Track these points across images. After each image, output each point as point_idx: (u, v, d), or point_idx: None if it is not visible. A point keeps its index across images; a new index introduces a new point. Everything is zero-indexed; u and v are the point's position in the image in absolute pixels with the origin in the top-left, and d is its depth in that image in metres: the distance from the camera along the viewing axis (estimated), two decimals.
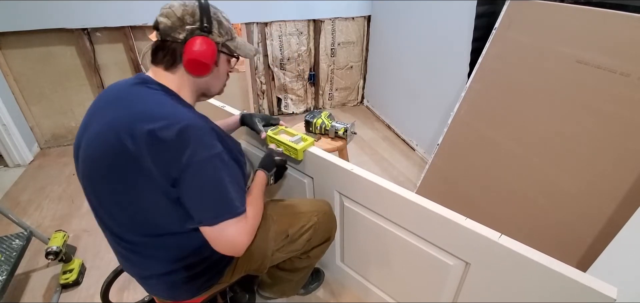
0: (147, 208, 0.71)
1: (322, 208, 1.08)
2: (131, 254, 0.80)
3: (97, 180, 0.73)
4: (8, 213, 1.34)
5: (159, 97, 0.73)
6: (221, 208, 0.70)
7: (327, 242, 1.12)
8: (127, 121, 0.67)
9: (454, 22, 1.87)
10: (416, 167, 2.26)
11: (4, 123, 2.12)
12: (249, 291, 1.33)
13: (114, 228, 0.77)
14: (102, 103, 0.75)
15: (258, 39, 2.65)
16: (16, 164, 2.27)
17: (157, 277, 0.82)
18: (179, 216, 0.72)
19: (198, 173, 0.67)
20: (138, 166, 0.66)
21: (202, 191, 0.69)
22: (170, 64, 0.76)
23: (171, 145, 0.65)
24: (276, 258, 1.00)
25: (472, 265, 0.85)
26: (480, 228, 0.79)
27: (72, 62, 2.31)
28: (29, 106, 2.34)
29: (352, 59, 3.03)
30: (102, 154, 0.69)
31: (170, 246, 0.78)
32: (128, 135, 0.65)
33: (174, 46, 0.75)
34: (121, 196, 0.71)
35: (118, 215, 0.74)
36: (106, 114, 0.71)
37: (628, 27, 1.13)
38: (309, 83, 3.01)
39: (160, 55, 0.76)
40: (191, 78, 0.79)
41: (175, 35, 0.74)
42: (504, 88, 1.51)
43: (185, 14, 0.74)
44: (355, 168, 1.01)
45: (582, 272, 0.68)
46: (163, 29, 0.74)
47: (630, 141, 1.12)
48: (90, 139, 0.71)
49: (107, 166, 0.69)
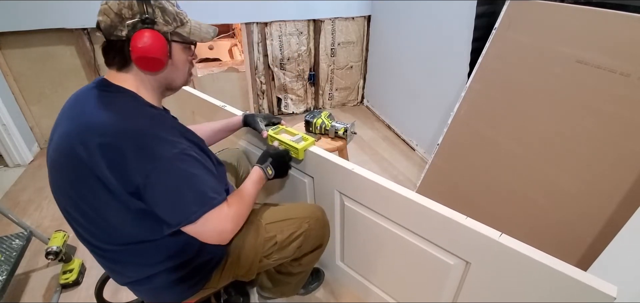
0: (113, 219, 0.69)
1: (314, 213, 1.03)
2: (109, 262, 0.79)
3: (63, 190, 0.71)
4: (8, 213, 1.34)
5: (110, 103, 0.68)
6: (197, 203, 0.68)
7: (319, 249, 1.09)
8: (78, 131, 0.65)
9: (454, 22, 1.87)
10: (416, 167, 2.26)
11: (3, 123, 2.12)
12: (243, 294, 1.33)
13: (88, 238, 0.75)
14: (64, 111, 0.74)
15: (258, 39, 2.65)
16: (16, 164, 2.27)
17: (139, 283, 0.81)
18: (148, 225, 0.70)
19: (164, 176, 0.65)
20: (95, 177, 0.64)
21: (173, 193, 0.66)
22: (122, 64, 0.72)
23: (128, 154, 0.62)
24: (264, 264, 0.96)
25: (472, 264, 0.85)
26: (480, 227, 0.79)
27: (72, 62, 2.31)
28: (28, 106, 2.34)
29: (352, 59, 3.03)
30: (62, 165, 0.68)
31: (147, 253, 0.76)
32: (81, 146, 0.63)
33: (120, 45, 0.70)
34: (86, 208, 0.69)
35: (87, 226, 0.72)
36: (64, 122, 0.70)
37: (628, 27, 1.13)
38: (309, 83, 3.01)
39: (110, 57, 0.72)
40: (148, 75, 0.74)
41: (118, 34, 0.68)
42: (504, 88, 1.51)
43: (122, 8, 0.67)
44: (356, 167, 1.01)
45: (583, 271, 0.68)
46: (105, 29, 0.68)
47: (630, 141, 1.12)
48: (53, 149, 0.70)
49: (68, 177, 0.68)
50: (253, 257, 0.93)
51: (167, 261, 0.79)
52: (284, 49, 2.76)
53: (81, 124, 0.66)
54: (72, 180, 0.67)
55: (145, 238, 0.73)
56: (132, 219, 0.69)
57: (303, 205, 1.10)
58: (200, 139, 0.80)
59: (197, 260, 0.83)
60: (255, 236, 0.94)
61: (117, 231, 0.71)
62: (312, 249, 1.06)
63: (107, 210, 0.68)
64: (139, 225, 0.70)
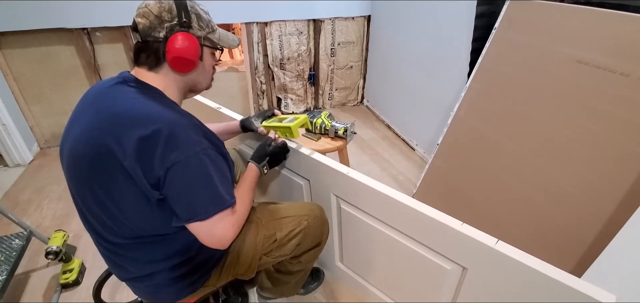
0: (129, 211, 0.70)
1: (313, 211, 1.04)
2: (114, 256, 0.80)
3: (80, 181, 0.72)
4: (8, 213, 1.34)
5: (141, 97, 0.71)
6: (211, 203, 0.70)
7: (318, 247, 1.10)
8: (110, 122, 0.67)
9: (454, 22, 1.87)
10: (416, 167, 2.26)
11: (3, 123, 2.12)
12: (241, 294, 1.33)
13: (98, 228, 0.76)
14: (85, 105, 0.75)
15: (258, 39, 2.65)
16: (16, 164, 2.27)
17: (140, 280, 0.82)
18: (162, 218, 0.71)
19: (186, 170, 0.67)
20: (120, 168, 0.65)
21: (190, 188, 0.68)
22: (154, 64, 0.76)
23: (158, 146, 0.65)
24: (264, 262, 0.97)
25: (469, 270, 0.85)
26: (477, 234, 0.78)
27: (72, 62, 2.31)
28: (28, 106, 2.35)
29: (352, 59, 3.03)
30: (84, 156, 0.69)
31: (153, 248, 0.77)
32: (112, 137, 0.65)
33: (156, 46, 0.74)
34: (104, 198, 0.70)
35: (101, 216, 0.73)
36: (88, 115, 0.71)
37: (628, 27, 1.13)
38: (309, 83, 3.01)
39: (143, 56, 0.75)
40: (177, 76, 0.78)
41: (155, 35, 0.73)
42: (504, 88, 1.51)
43: (162, 11, 0.73)
44: (351, 171, 1.01)
45: (579, 279, 0.67)
46: (142, 30, 0.72)
47: (630, 141, 1.11)
48: (74, 140, 0.71)
49: (89, 167, 0.69)
50: (253, 255, 0.93)
51: (171, 258, 0.79)
52: (284, 48, 2.76)
53: (114, 114, 0.68)
54: (97, 172, 0.68)
55: (157, 232, 0.74)
56: (150, 211, 0.70)
57: (301, 203, 1.11)
58: (220, 141, 0.81)
59: (198, 258, 0.83)
60: (254, 234, 0.94)
61: (133, 224, 0.72)
62: (311, 246, 1.07)
63: (128, 201, 0.69)
64: (155, 217, 0.72)
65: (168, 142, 0.65)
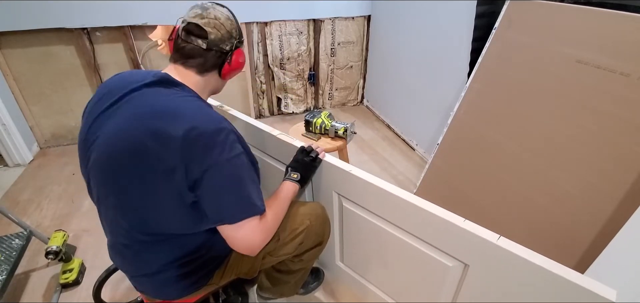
0: (162, 210, 0.72)
1: (315, 211, 1.05)
2: (128, 251, 0.80)
3: (112, 175, 0.72)
4: (8, 213, 1.34)
5: (185, 97, 0.76)
6: (243, 206, 0.72)
7: (320, 246, 1.11)
8: (153, 120, 0.69)
9: (454, 22, 1.87)
10: (416, 167, 2.26)
11: (3, 123, 2.12)
12: (241, 294, 1.33)
13: (120, 222, 0.77)
14: (118, 94, 0.74)
15: (258, 38, 2.65)
16: (16, 164, 2.27)
17: (150, 276, 0.82)
18: (192, 219, 0.73)
19: (221, 173, 0.69)
20: (161, 167, 0.67)
21: (222, 191, 0.70)
22: (207, 69, 0.82)
23: (198, 148, 0.67)
24: (267, 261, 0.99)
25: (470, 266, 0.85)
26: (478, 230, 0.79)
27: (71, 61, 2.31)
28: (28, 106, 2.34)
29: (352, 58, 3.03)
30: (123, 151, 0.69)
31: (172, 247, 0.78)
32: (155, 136, 0.67)
33: (219, 55, 0.82)
34: (137, 194, 0.71)
35: (129, 212, 0.74)
36: (128, 109, 0.72)
37: (628, 27, 1.13)
38: (309, 83, 3.01)
39: (197, 61, 0.80)
40: (216, 81, 0.87)
41: (222, 46, 0.81)
42: (504, 88, 1.51)
43: (232, 29, 0.83)
44: (354, 169, 1.01)
45: (581, 274, 0.67)
46: (213, 40, 0.80)
47: (631, 141, 1.11)
48: (111, 133, 0.71)
49: (128, 163, 0.69)
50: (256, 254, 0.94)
51: (183, 257, 0.80)
52: (283, 48, 2.76)
53: (159, 113, 0.70)
54: (138, 168, 0.69)
55: (181, 231, 0.76)
56: (183, 212, 0.72)
57: (303, 203, 1.11)
58: (248, 147, 0.83)
59: (205, 257, 0.84)
60: None
61: (159, 222, 0.74)
62: (314, 245, 1.08)
63: (164, 200, 0.70)
64: (183, 217, 0.73)
65: (208, 144, 0.68)
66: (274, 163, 1.29)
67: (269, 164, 1.31)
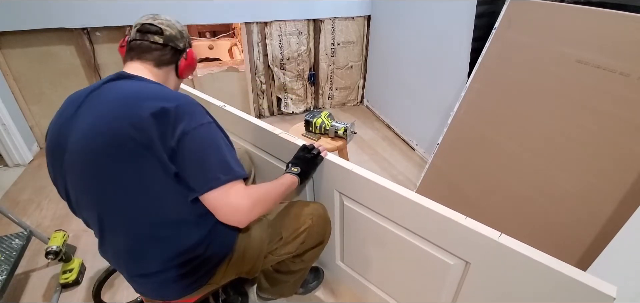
0: (151, 188, 0.72)
1: (317, 210, 1.07)
2: (123, 251, 0.80)
3: (93, 171, 0.72)
4: (8, 213, 1.34)
5: (147, 83, 0.80)
6: (223, 169, 0.73)
7: (321, 246, 1.11)
8: (121, 106, 0.71)
9: (454, 22, 1.87)
10: (416, 167, 2.26)
11: (3, 123, 2.12)
12: (241, 294, 1.33)
13: (113, 218, 0.76)
14: (82, 100, 0.76)
15: (258, 38, 2.65)
16: (16, 164, 2.27)
17: (148, 276, 0.82)
18: (180, 194, 0.73)
19: (195, 139, 0.72)
20: (138, 148, 0.68)
21: (201, 157, 0.72)
22: (164, 63, 0.88)
23: (169, 118, 0.70)
24: (269, 260, 0.99)
25: (472, 264, 0.85)
26: (480, 227, 0.79)
27: (71, 61, 2.31)
28: (28, 106, 2.34)
29: (352, 58, 3.03)
30: (98, 144, 0.70)
31: (169, 245, 0.78)
32: (127, 120, 0.68)
33: (174, 51, 0.89)
34: (122, 182, 0.71)
35: (119, 203, 0.74)
36: (98, 110, 0.73)
37: (628, 27, 1.13)
38: (309, 83, 3.01)
39: (154, 54, 0.86)
40: (174, 79, 0.93)
41: (177, 43, 0.89)
42: (504, 88, 1.51)
43: (183, 30, 0.93)
44: (356, 167, 1.01)
45: (582, 271, 0.67)
46: (169, 36, 0.87)
47: (630, 141, 1.12)
48: (82, 132, 0.72)
49: (105, 154, 0.70)
50: (258, 253, 0.95)
51: (181, 255, 0.80)
52: (283, 48, 2.76)
53: (130, 98, 0.73)
54: (117, 157, 0.70)
55: (174, 214, 0.76)
56: (169, 188, 0.73)
57: (305, 202, 1.12)
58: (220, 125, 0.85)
59: (205, 255, 0.84)
60: (260, 232, 0.97)
61: (152, 203, 0.74)
62: (315, 245, 1.09)
63: (149, 179, 0.71)
64: (173, 194, 0.73)
65: (178, 115, 0.71)
66: (275, 161, 1.29)
67: (271, 163, 1.31)
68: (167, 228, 0.76)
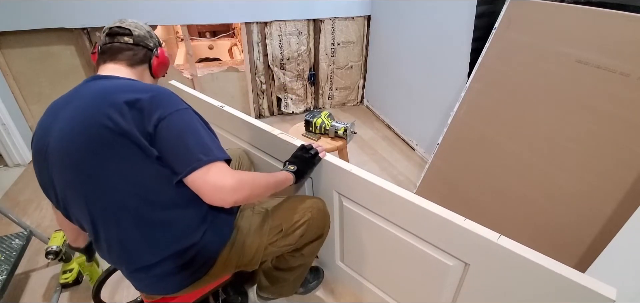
0: (134, 174, 0.73)
1: (316, 204, 1.08)
2: (119, 246, 0.79)
3: (78, 167, 0.73)
4: (8, 213, 1.34)
5: (124, 79, 0.83)
6: (201, 151, 0.74)
7: (320, 239, 1.12)
8: (101, 98, 0.73)
9: (454, 22, 1.87)
10: (416, 167, 2.26)
11: (3, 123, 2.12)
12: (241, 293, 1.33)
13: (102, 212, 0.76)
14: (61, 104, 0.79)
15: (258, 38, 2.65)
16: (16, 163, 2.27)
17: (145, 270, 0.82)
18: (167, 176, 0.74)
19: (172, 124, 0.73)
20: (117, 138, 0.70)
21: (180, 139, 0.74)
22: (137, 62, 0.90)
23: (145, 105, 0.72)
24: (269, 252, 0.99)
25: (471, 265, 0.85)
26: (479, 229, 0.79)
27: (71, 61, 2.31)
28: (28, 106, 2.34)
29: (352, 58, 3.03)
30: (79, 140, 0.71)
31: (158, 227, 0.78)
32: (103, 112, 0.70)
33: (145, 51, 0.91)
34: (107, 171, 0.72)
35: (106, 195, 0.74)
36: (73, 108, 0.75)
37: (628, 27, 1.13)
38: (309, 83, 3.01)
39: (126, 54, 0.88)
40: (149, 77, 0.94)
41: (147, 43, 0.92)
42: (504, 88, 1.51)
43: (150, 31, 0.95)
44: (354, 168, 1.01)
45: (581, 273, 0.67)
46: (138, 36, 0.90)
47: (630, 141, 1.12)
48: (63, 134, 0.73)
49: (87, 149, 0.71)
50: (258, 244, 0.95)
51: (176, 243, 0.80)
52: (283, 48, 2.76)
53: (104, 94, 0.74)
54: (97, 150, 0.71)
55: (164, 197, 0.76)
56: (152, 172, 0.74)
57: (305, 196, 1.14)
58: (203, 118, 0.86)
59: (201, 242, 0.83)
60: (261, 222, 0.98)
61: (139, 191, 0.74)
62: (314, 238, 1.10)
63: (132, 167, 0.72)
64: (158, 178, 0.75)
65: (153, 103, 0.73)
66: (274, 162, 1.29)
67: (270, 164, 1.31)
68: (156, 213, 0.76)
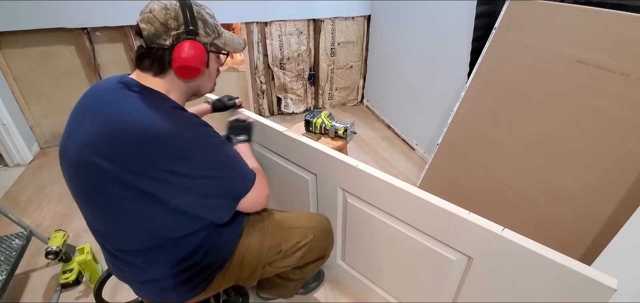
0: (140, 214, 0.70)
1: (320, 223, 1.03)
2: (124, 264, 0.79)
3: (87, 189, 0.70)
4: (8, 213, 1.33)
5: (144, 103, 0.68)
6: (247, 177, 0.78)
7: (322, 260, 1.08)
8: (105, 137, 0.64)
9: (454, 22, 1.87)
10: (416, 167, 2.26)
11: (3, 123, 2.12)
12: (242, 294, 1.33)
13: (111, 236, 0.76)
14: (84, 107, 0.73)
15: (258, 38, 2.65)
16: (16, 164, 2.27)
17: (151, 283, 0.81)
18: (181, 221, 0.73)
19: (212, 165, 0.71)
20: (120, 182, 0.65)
21: (226, 175, 0.74)
22: (159, 71, 0.72)
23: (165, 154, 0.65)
24: (267, 271, 0.95)
25: (474, 259, 0.86)
26: (483, 222, 0.80)
27: (71, 61, 2.31)
28: (28, 106, 2.34)
29: (352, 58, 3.03)
30: (91, 170, 0.66)
31: (168, 253, 0.77)
32: (104, 155, 0.64)
33: (161, 53, 0.70)
34: (113, 211, 0.69)
35: (116, 226, 0.73)
36: (88, 121, 0.69)
37: (628, 27, 1.13)
38: (309, 83, 3.01)
39: (147, 62, 0.71)
40: (181, 82, 0.75)
41: (160, 42, 0.69)
42: (503, 88, 1.51)
43: (168, 19, 0.69)
44: (360, 164, 1.01)
45: (584, 264, 0.68)
46: (147, 37, 0.69)
47: (630, 141, 1.12)
48: (77, 149, 0.68)
49: (95, 178, 0.66)
50: (256, 262, 0.92)
51: (178, 264, 0.79)
52: (283, 48, 2.76)
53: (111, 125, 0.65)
54: (98, 190, 0.68)
55: (174, 235, 0.75)
56: (166, 215, 0.71)
57: (309, 213, 1.10)
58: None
59: (202, 263, 0.83)
60: (260, 241, 0.93)
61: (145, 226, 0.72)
62: (315, 259, 1.06)
63: (138, 208, 0.68)
64: (175, 221, 0.73)
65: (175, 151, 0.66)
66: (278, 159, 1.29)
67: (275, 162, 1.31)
68: (162, 240, 0.75)
